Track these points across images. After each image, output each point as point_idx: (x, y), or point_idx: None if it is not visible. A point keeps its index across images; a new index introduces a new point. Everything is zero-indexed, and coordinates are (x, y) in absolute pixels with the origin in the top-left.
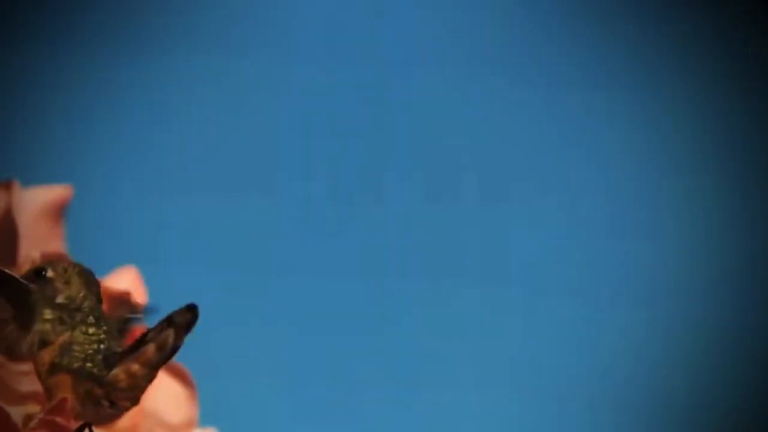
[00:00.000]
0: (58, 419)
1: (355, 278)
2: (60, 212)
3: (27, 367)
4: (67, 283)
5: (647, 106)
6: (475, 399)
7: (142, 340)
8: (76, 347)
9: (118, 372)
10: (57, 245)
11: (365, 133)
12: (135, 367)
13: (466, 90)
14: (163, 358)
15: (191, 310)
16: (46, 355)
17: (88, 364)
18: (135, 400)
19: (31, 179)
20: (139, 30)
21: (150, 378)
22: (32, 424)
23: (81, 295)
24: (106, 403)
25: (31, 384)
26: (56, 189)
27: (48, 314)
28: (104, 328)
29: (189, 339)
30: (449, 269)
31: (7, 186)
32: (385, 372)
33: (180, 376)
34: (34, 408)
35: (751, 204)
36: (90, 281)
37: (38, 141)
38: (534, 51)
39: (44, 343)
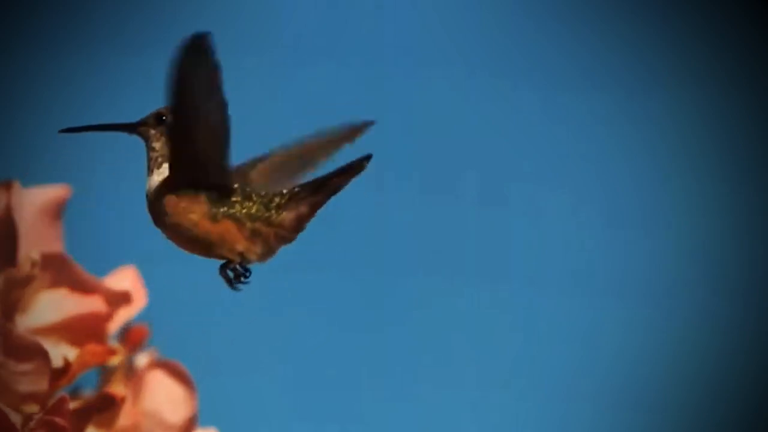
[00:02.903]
0: (57, 419)
1: (356, 277)
2: (59, 212)
3: (27, 366)
4: None
5: (647, 106)
6: (475, 398)
7: (320, 185)
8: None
9: (286, 215)
10: (57, 245)
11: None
12: (303, 209)
13: (466, 90)
14: (326, 200)
15: (367, 158)
16: (198, 212)
17: (243, 210)
18: (294, 238)
19: (31, 179)
20: (140, 30)
21: (311, 218)
22: (32, 424)
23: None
24: (273, 243)
25: (31, 384)
26: (56, 189)
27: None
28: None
29: (189, 339)
30: (449, 268)
31: (7, 186)
32: (386, 371)
33: (180, 376)
34: (33, 408)
35: (751, 203)
36: None
37: (38, 141)
38: (534, 51)
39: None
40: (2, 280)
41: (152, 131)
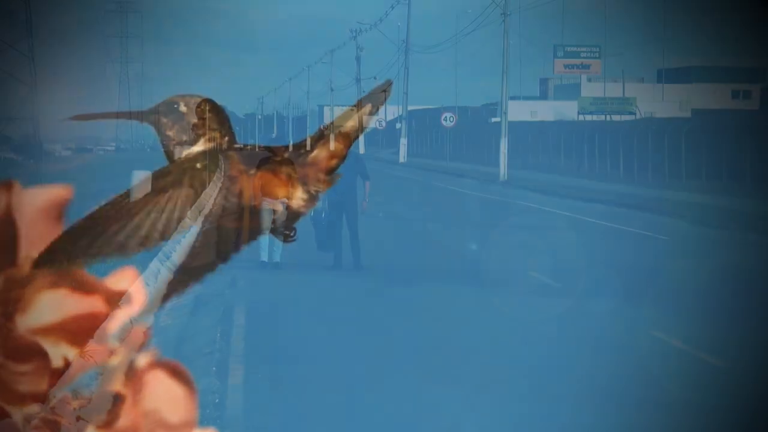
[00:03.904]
0: (60, 418)
1: (356, 277)
2: (60, 212)
3: (27, 366)
4: (202, 119)
5: (647, 104)
6: (475, 398)
7: (345, 117)
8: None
9: (318, 152)
10: None
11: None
12: (336, 143)
13: (466, 89)
14: (356, 138)
15: (389, 84)
16: (235, 167)
17: (276, 159)
18: (329, 180)
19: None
20: (141, 29)
21: (344, 153)
22: (33, 422)
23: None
24: (312, 184)
25: (31, 384)
26: (56, 189)
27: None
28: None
29: (189, 339)
30: (449, 269)
31: (7, 186)
32: (387, 372)
33: (180, 376)
34: (33, 408)
35: (751, 203)
36: (223, 117)
37: None
38: (533, 51)
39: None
40: (2, 280)
41: (164, 119)
